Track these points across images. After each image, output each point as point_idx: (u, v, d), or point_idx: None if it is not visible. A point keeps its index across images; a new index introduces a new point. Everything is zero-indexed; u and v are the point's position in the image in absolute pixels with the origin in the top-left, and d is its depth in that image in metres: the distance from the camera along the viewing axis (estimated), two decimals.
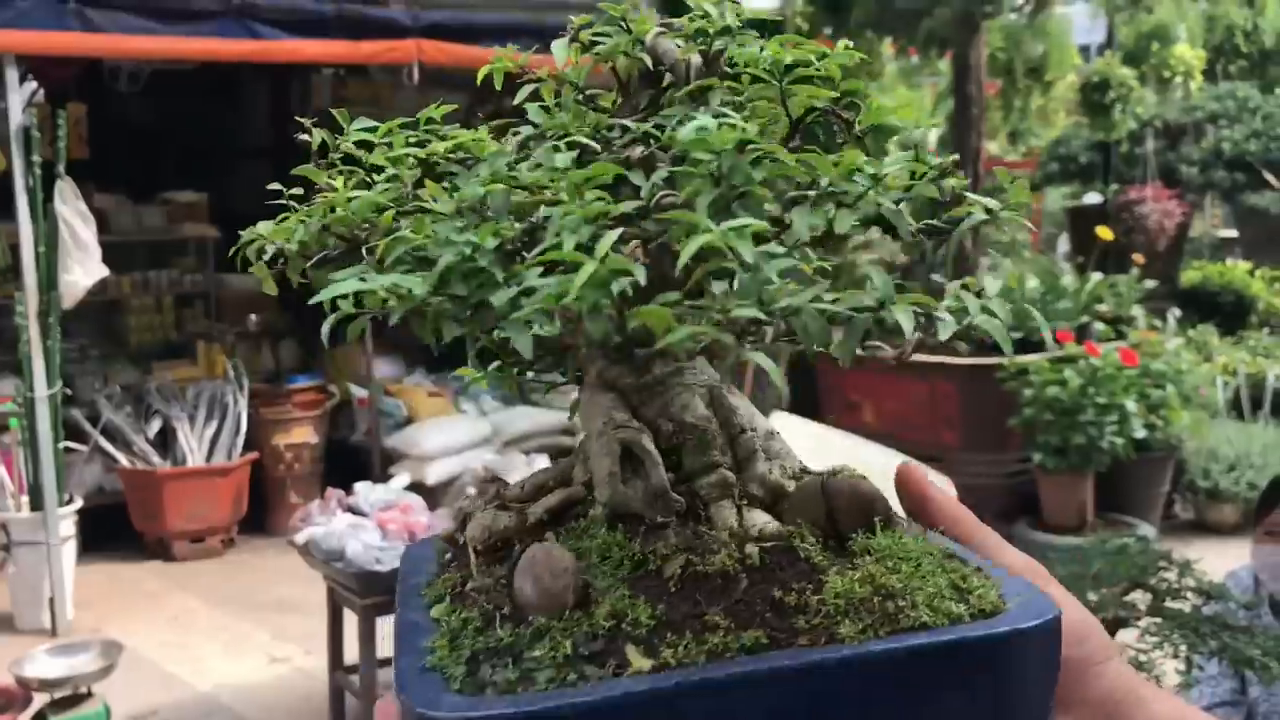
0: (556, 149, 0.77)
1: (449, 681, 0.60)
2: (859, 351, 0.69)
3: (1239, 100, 11.94)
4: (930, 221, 0.79)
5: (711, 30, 0.84)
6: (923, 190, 0.75)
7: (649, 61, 0.86)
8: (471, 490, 0.87)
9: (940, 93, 13.01)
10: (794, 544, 0.69)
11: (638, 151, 0.78)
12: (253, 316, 8.34)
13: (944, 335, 0.70)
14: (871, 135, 0.82)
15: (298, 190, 0.87)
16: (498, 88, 0.91)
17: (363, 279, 0.69)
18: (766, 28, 0.93)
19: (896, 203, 0.74)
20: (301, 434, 7.64)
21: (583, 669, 0.59)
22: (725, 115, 0.73)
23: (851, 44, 0.86)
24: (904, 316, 0.65)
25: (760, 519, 0.72)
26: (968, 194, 0.79)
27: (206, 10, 6.35)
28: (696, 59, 0.85)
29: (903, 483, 0.79)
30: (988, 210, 0.78)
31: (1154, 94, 11.47)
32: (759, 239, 0.64)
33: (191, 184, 8.66)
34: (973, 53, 8.01)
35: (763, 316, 0.61)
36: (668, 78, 0.86)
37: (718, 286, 0.64)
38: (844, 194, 0.72)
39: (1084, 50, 11.80)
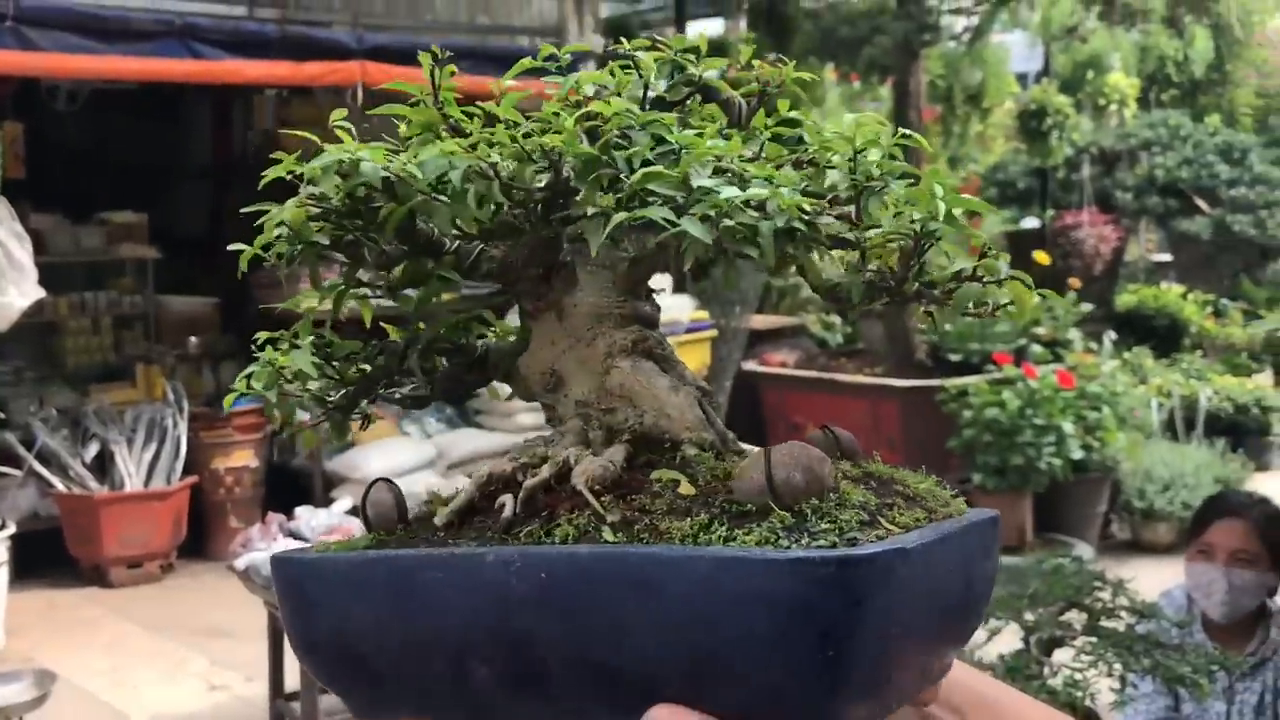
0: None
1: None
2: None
3: (1171, 128, 12.23)
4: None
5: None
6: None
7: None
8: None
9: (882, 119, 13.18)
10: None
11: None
12: (193, 339, 8.24)
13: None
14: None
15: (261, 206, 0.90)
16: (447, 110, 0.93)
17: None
18: (711, 51, 0.98)
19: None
20: (242, 457, 7.55)
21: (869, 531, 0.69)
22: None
23: (796, 70, 0.91)
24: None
25: None
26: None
27: (147, 30, 6.30)
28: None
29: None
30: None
31: (1090, 121, 11.72)
32: None
33: (131, 204, 8.55)
34: (912, 79, 8.13)
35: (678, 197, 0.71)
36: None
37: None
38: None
39: (1021, 78, 12.02)
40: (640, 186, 0.73)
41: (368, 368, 0.89)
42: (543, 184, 0.80)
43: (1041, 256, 9.36)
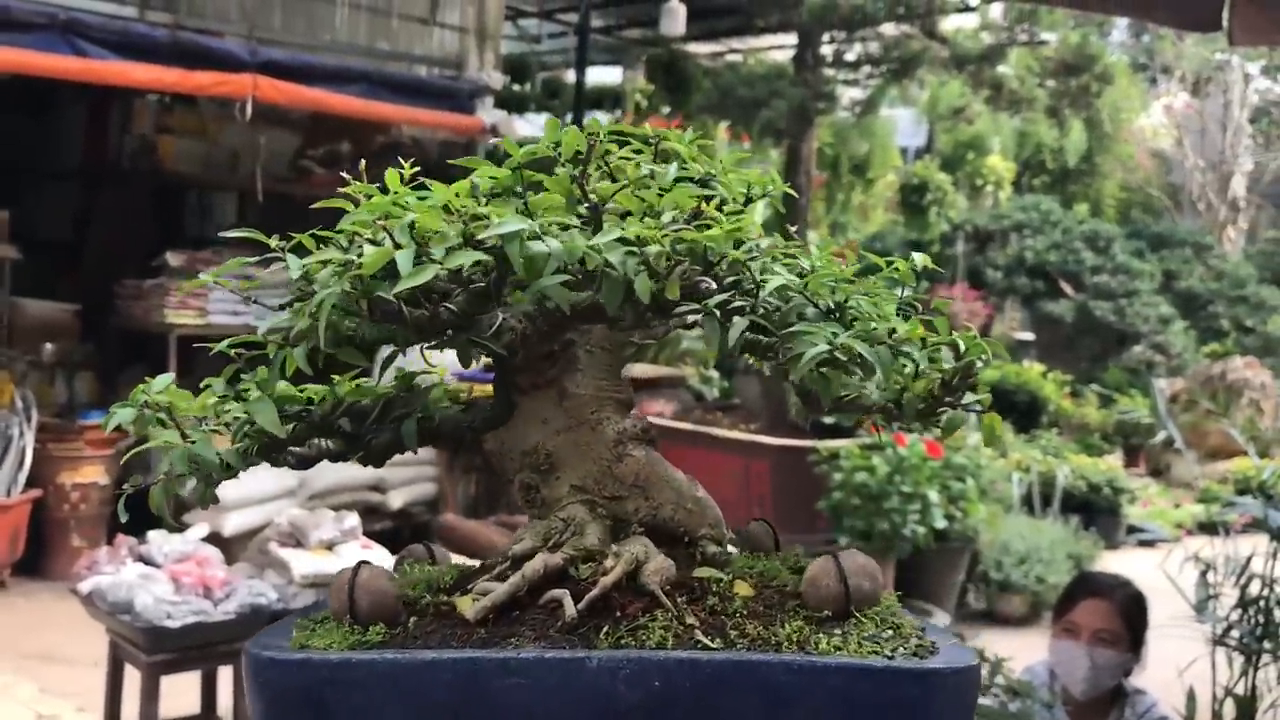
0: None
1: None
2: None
3: (1042, 213, 12.72)
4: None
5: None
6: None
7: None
8: (275, 546, 0.87)
9: (767, 180, 13.42)
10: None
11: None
12: (48, 345, 7.85)
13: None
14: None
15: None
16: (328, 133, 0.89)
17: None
18: (606, 99, 1.00)
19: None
20: (91, 473, 7.20)
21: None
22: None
23: (688, 127, 0.93)
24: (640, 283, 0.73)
25: None
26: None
27: (27, 21, 6.04)
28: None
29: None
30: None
31: (966, 199, 12.12)
32: None
33: None
34: (805, 145, 8.30)
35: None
36: None
37: None
38: None
39: (904, 152, 12.39)
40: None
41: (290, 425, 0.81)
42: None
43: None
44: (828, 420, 7.69)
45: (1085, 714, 3.17)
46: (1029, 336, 14.82)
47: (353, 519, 4.97)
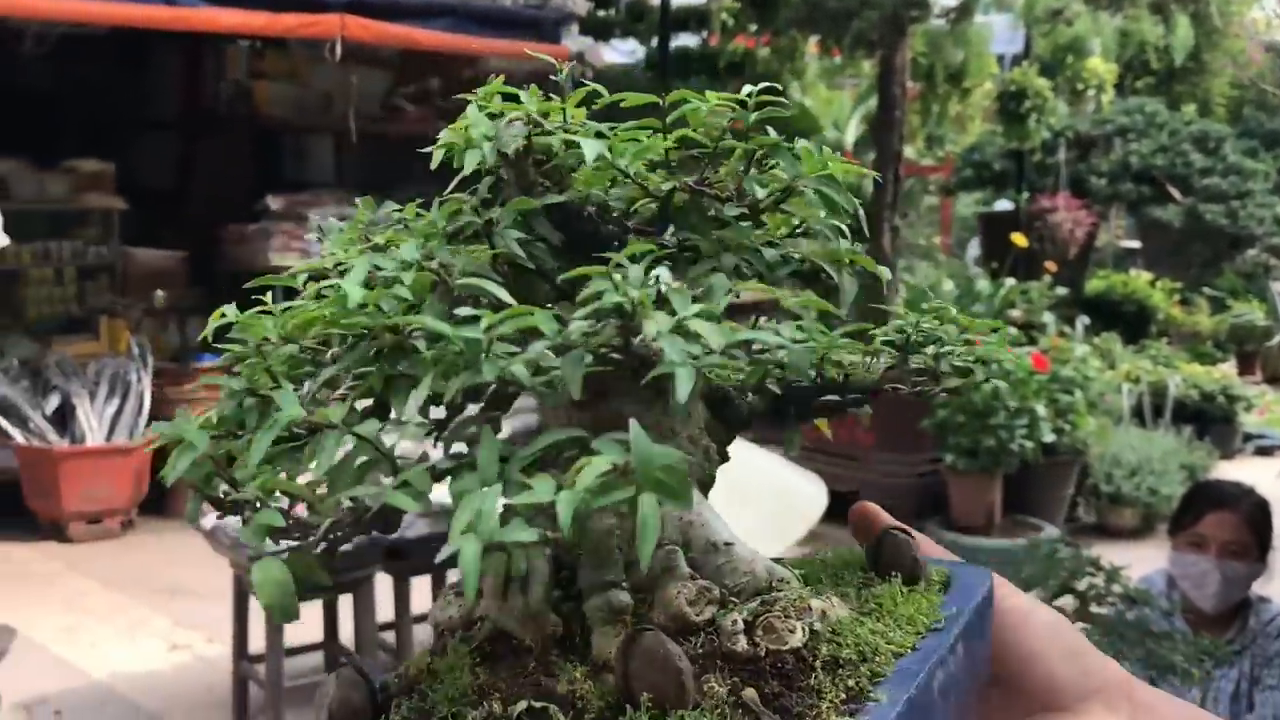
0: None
1: None
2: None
3: (1147, 115, 12.27)
4: None
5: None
6: None
7: None
8: None
9: (860, 94, 13.15)
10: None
11: None
12: (159, 292, 8.09)
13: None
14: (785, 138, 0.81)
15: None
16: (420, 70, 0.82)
17: None
18: (692, 20, 0.92)
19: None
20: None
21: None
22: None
23: (776, 44, 0.86)
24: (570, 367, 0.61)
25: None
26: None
27: None
28: None
29: (860, 518, 0.80)
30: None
31: (1067, 105, 11.72)
32: None
33: (97, 152, 8.36)
34: (898, 55, 8.08)
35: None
36: None
37: None
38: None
39: (1001, 59, 12.00)
40: None
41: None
42: None
43: (1019, 239, 9.37)
44: None
45: (1207, 623, 3.11)
46: (1135, 244, 14.41)
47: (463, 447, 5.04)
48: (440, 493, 0.60)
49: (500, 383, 0.62)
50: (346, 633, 4.59)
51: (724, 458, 0.77)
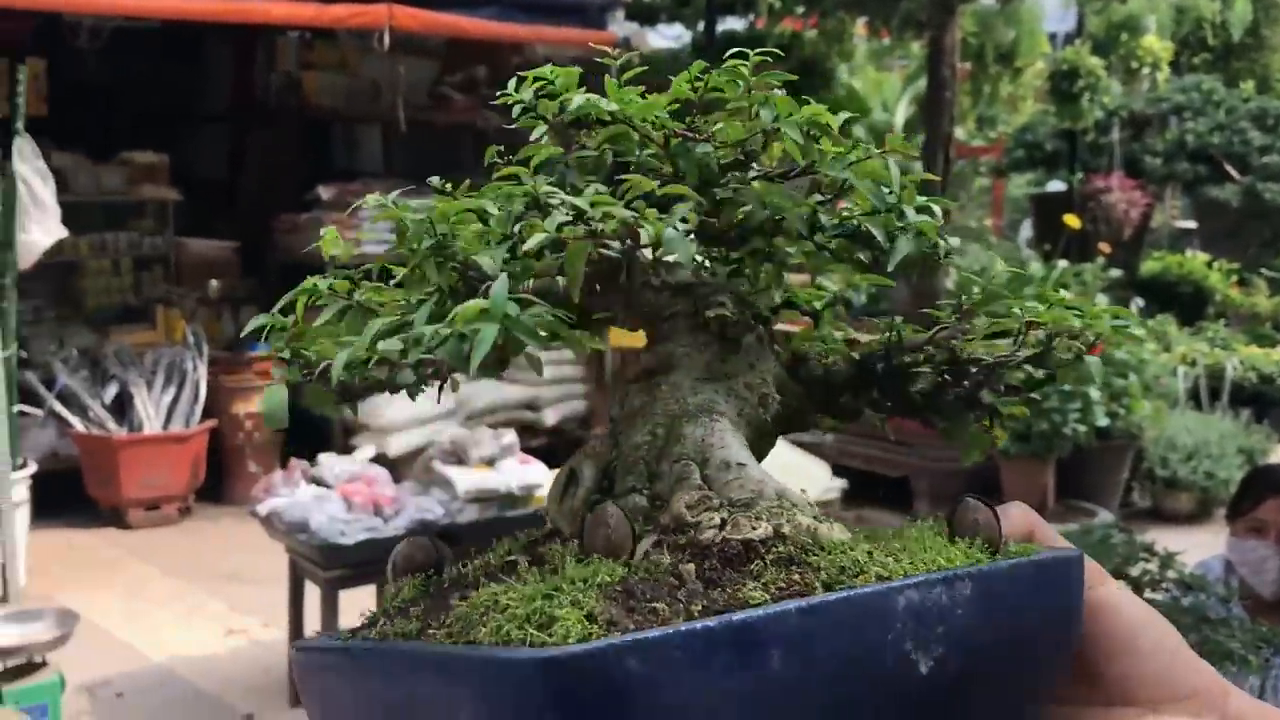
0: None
1: None
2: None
3: (1204, 93, 12.04)
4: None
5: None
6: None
7: None
8: (439, 464, 0.86)
9: (909, 75, 13.02)
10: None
11: None
12: (213, 282, 8.20)
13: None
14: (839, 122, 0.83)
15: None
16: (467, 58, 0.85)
17: None
18: (739, 3, 0.93)
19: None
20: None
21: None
22: None
23: (824, 26, 0.87)
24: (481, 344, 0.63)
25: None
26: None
27: None
28: None
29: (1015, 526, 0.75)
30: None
31: (1121, 84, 11.54)
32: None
33: (151, 145, 8.49)
34: (948, 35, 7.99)
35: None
36: None
37: None
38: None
39: (1052, 38, 11.82)
40: None
41: None
42: None
43: (1072, 220, 9.26)
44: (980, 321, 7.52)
45: (1266, 610, 3.06)
46: (1191, 225, 14.17)
47: (510, 436, 5.09)
48: (484, 478, 0.67)
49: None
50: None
51: (794, 420, 0.82)
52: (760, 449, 0.79)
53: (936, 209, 0.79)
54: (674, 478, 0.73)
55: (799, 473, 4.65)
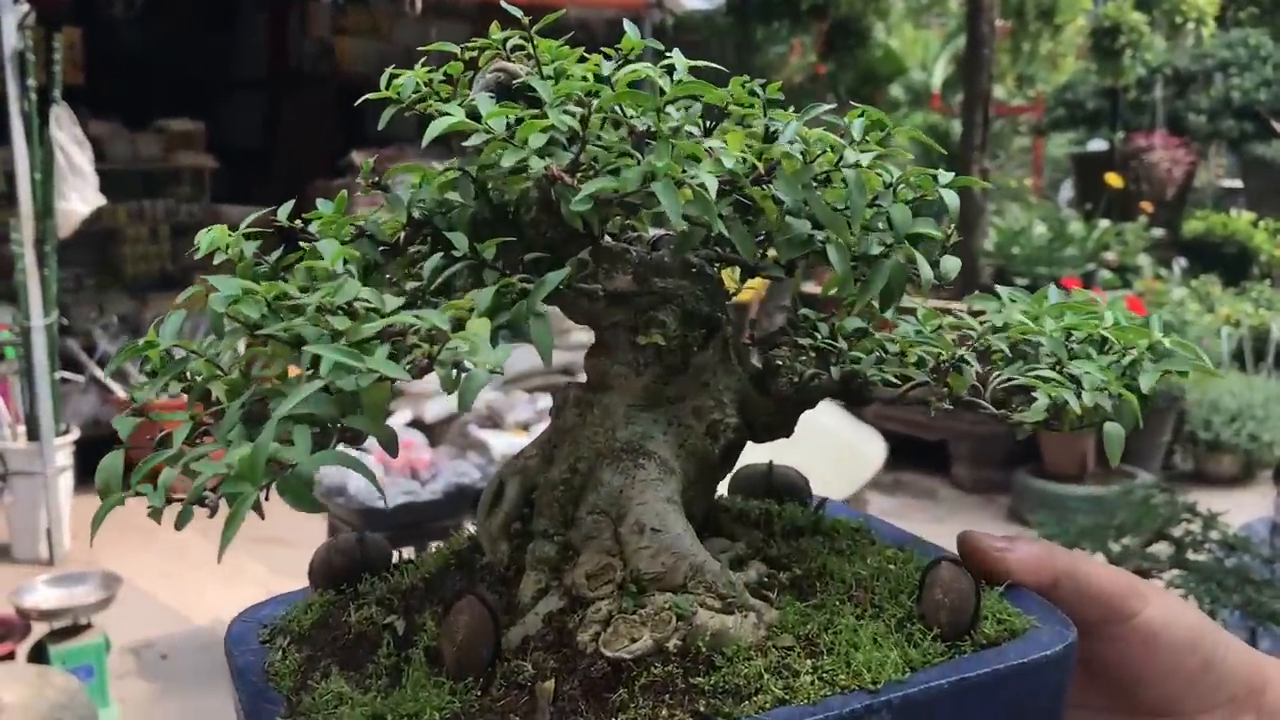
0: None
1: None
2: None
3: (1250, 48, 11.79)
4: None
5: None
6: None
7: None
8: (474, 429, 0.84)
9: (948, 33, 12.84)
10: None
11: None
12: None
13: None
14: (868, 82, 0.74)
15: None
16: (500, 21, 0.80)
17: None
18: None
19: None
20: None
21: None
22: None
23: None
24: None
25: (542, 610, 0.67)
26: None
27: None
28: None
29: (969, 554, 0.72)
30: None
31: (1164, 40, 11.32)
32: None
33: (188, 112, 8.52)
34: None
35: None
36: None
37: None
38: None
39: None
40: None
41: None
42: None
43: (1114, 179, 9.12)
44: (1021, 282, 7.43)
45: None
46: (1237, 184, 13.91)
47: (545, 400, 5.09)
48: (519, 442, 0.65)
49: None
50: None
51: (766, 433, 0.75)
52: (705, 483, 0.73)
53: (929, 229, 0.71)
54: (585, 533, 0.68)
55: (850, 456, 4.60)
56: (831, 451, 4.43)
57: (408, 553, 3.39)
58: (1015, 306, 0.73)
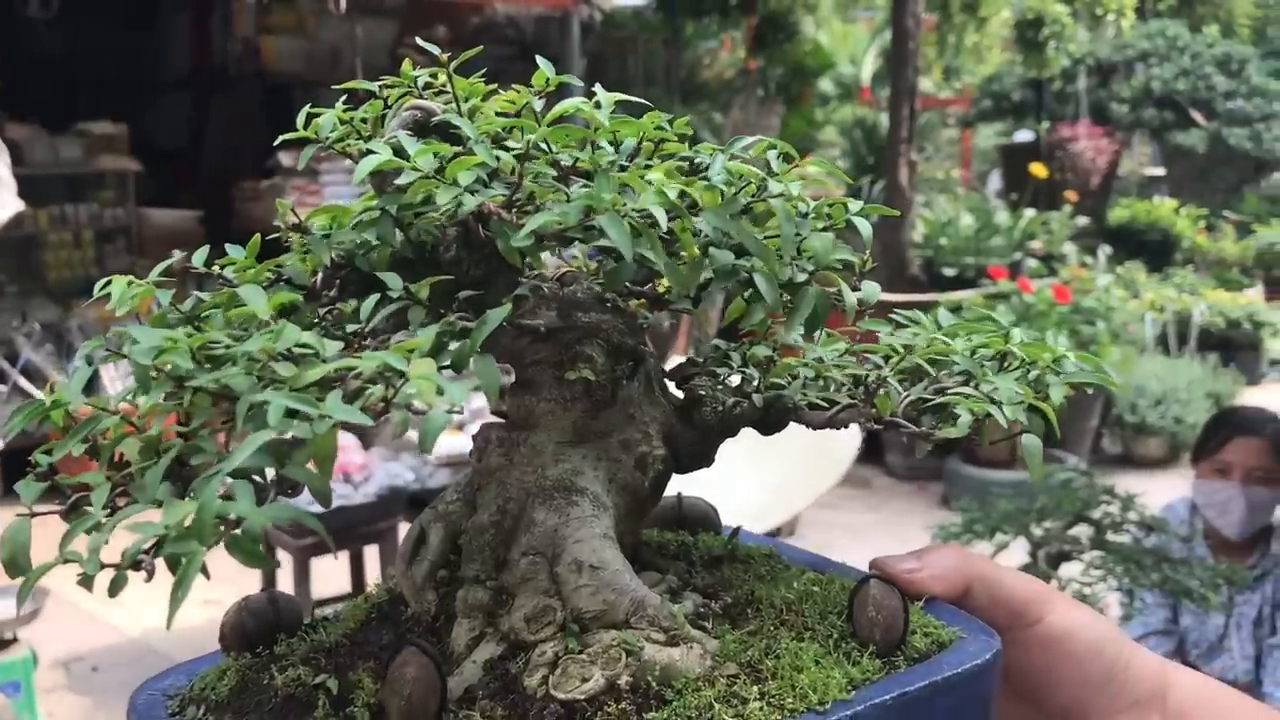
0: None
1: None
2: None
3: (1169, 39, 12.05)
4: None
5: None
6: None
7: None
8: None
9: (876, 27, 12.96)
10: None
11: None
12: (176, 253, 8.10)
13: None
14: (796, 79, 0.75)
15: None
16: (424, 18, 0.79)
17: None
18: None
19: None
20: None
21: None
22: None
23: None
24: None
25: (478, 658, 0.65)
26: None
27: None
28: None
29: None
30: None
31: (1086, 32, 11.53)
32: None
33: (110, 114, 8.36)
34: None
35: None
36: None
37: None
38: None
39: None
40: None
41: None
42: None
43: (1038, 169, 9.26)
44: (948, 272, 7.53)
45: (1230, 549, 3.10)
46: (1159, 171, 14.21)
47: (480, 399, 5.07)
48: (455, 442, 0.63)
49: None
50: (373, 582, 4.64)
51: (692, 463, 0.75)
52: (635, 517, 0.73)
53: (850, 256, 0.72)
54: (520, 575, 0.68)
55: (828, 440, 4.62)
56: (799, 456, 4.46)
57: (342, 556, 3.32)
58: (905, 331, 0.75)
